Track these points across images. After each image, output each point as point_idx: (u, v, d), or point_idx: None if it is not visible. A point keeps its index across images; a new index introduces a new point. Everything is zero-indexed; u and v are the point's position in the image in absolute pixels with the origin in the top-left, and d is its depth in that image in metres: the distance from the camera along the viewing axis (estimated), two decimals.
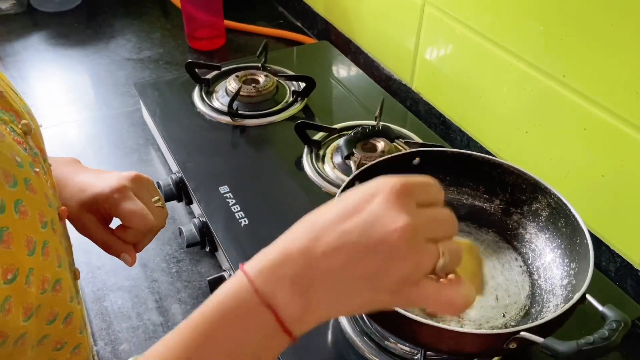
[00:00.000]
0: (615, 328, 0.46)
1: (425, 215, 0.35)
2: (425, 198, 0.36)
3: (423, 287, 0.34)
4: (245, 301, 0.34)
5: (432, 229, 0.35)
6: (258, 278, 0.34)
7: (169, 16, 1.38)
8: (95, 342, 0.67)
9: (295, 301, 0.34)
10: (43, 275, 0.39)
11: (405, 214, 0.34)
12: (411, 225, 0.33)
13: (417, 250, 0.34)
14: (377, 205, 0.34)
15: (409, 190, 0.35)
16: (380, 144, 0.83)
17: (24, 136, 0.43)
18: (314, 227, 0.35)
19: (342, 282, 0.34)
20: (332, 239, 0.34)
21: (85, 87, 1.14)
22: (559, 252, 0.62)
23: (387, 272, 0.33)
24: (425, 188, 0.36)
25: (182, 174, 0.82)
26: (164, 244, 0.80)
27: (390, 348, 0.60)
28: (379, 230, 0.33)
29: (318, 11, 1.27)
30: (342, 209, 0.35)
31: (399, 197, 0.34)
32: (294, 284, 0.34)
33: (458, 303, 0.35)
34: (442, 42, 0.91)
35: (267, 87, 0.98)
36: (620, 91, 0.64)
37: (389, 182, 0.35)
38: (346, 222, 0.34)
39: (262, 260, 0.35)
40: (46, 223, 0.40)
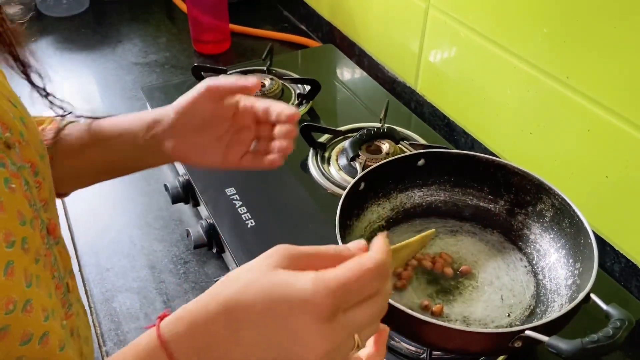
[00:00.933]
0: (620, 327, 0.47)
1: (348, 328, 0.35)
2: (353, 302, 0.35)
3: None
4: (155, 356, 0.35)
5: (352, 334, 0.35)
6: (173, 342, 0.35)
7: (175, 20, 1.40)
8: (105, 342, 0.68)
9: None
10: (8, 296, 0.38)
11: (325, 339, 0.34)
12: (327, 350, 0.34)
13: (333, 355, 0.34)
14: (297, 324, 0.34)
15: (335, 307, 0.34)
16: (385, 146, 0.83)
17: (6, 149, 0.41)
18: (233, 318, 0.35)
19: None
20: (252, 337, 0.34)
21: (92, 91, 1.15)
22: (564, 252, 0.62)
23: None
24: (358, 289, 0.35)
25: (189, 177, 0.82)
26: (172, 245, 0.81)
27: (397, 347, 0.60)
28: (294, 348, 0.34)
29: (323, 15, 1.28)
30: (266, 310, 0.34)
31: (322, 321, 0.34)
32: None
33: None
34: (446, 45, 0.92)
35: (273, 90, 0.99)
36: (623, 92, 0.65)
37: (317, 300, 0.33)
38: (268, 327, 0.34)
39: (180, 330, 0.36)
40: (13, 242, 0.39)
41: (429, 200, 0.72)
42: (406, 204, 0.71)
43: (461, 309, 0.61)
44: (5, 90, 0.46)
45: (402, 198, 0.71)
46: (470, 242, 0.69)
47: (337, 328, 0.34)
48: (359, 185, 0.65)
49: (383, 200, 0.70)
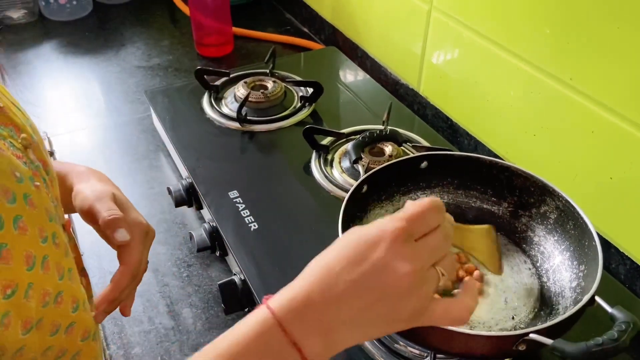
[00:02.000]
0: (625, 329, 0.46)
1: (425, 251, 0.40)
2: (423, 230, 0.40)
3: (432, 311, 0.40)
4: (273, 339, 0.37)
5: (431, 259, 0.40)
6: (284, 317, 0.37)
7: (178, 24, 1.40)
8: (108, 346, 0.68)
9: (318, 341, 0.38)
10: (44, 289, 0.40)
11: (406, 261, 0.38)
12: (413, 270, 0.38)
13: (421, 286, 0.39)
14: (381, 254, 0.38)
15: (409, 233, 0.39)
16: (388, 148, 0.83)
17: (24, 150, 0.44)
18: (330, 275, 0.38)
19: (359, 323, 0.38)
20: (346, 287, 0.38)
21: (96, 94, 1.16)
22: (568, 255, 0.62)
23: (398, 309, 0.38)
24: (422, 220, 0.40)
25: (192, 180, 0.83)
26: (175, 248, 0.81)
27: (400, 351, 0.60)
28: (388, 278, 0.38)
29: (325, 17, 1.28)
30: (351, 257, 0.39)
31: (399, 243, 0.38)
32: (316, 326, 0.38)
33: (464, 316, 0.41)
34: (449, 47, 0.92)
35: (276, 92, 0.99)
36: (627, 93, 0.65)
37: (389, 228, 0.39)
38: (356, 271, 0.38)
39: (287, 301, 0.38)
40: (46, 237, 0.41)
41: None
42: None
43: None
44: (7, 94, 0.47)
45: (406, 200, 0.71)
46: None
47: (416, 249, 0.39)
48: (361, 187, 0.65)
49: (386, 203, 0.70)
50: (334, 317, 0.38)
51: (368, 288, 0.38)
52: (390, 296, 0.38)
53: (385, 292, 0.38)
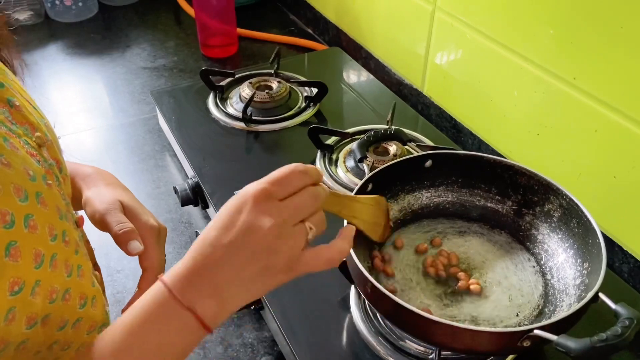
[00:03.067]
0: (628, 325, 0.47)
1: (288, 208, 0.42)
2: (285, 192, 0.43)
3: (304, 259, 0.43)
4: (167, 305, 0.40)
5: (296, 215, 0.43)
6: (175, 286, 0.41)
7: (183, 25, 1.41)
8: None
9: (209, 302, 0.41)
10: (51, 286, 0.41)
11: (268, 217, 0.41)
12: (276, 224, 0.41)
13: (288, 239, 0.42)
14: (246, 215, 0.41)
15: (269, 193, 0.42)
16: (393, 148, 0.84)
17: (38, 148, 0.44)
18: (207, 245, 0.42)
19: (242, 281, 0.41)
20: (221, 252, 0.41)
21: (102, 95, 1.17)
22: (572, 252, 0.62)
23: (273, 263, 0.42)
24: (283, 182, 0.43)
25: (198, 179, 0.83)
26: (181, 247, 0.81)
27: (405, 348, 0.60)
28: (254, 236, 0.41)
29: (329, 18, 1.29)
30: (222, 225, 0.42)
31: (261, 202, 0.42)
32: (204, 289, 0.41)
33: (334, 257, 0.45)
34: (453, 47, 0.92)
35: (280, 93, 0.99)
36: (630, 92, 0.65)
37: (251, 192, 0.42)
38: (228, 235, 0.41)
39: (176, 272, 0.42)
40: (56, 236, 0.42)
41: (437, 201, 0.72)
42: (414, 205, 0.72)
43: (470, 309, 0.61)
44: (24, 93, 0.48)
45: (410, 199, 0.72)
46: (478, 242, 0.69)
47: (279, 206, 0.42)
48: (366, 186, 0.65)
49: (391, 202, 0.70)
50: (219, 278, 0.41)
51: (240, 248, 0.41)
52: (261, 252, 0.41)
53: (256, 249, 0.41)
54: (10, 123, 0.43)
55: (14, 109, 0.44)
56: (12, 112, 0.44)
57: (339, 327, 0.64)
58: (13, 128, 0.43)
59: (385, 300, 0.52)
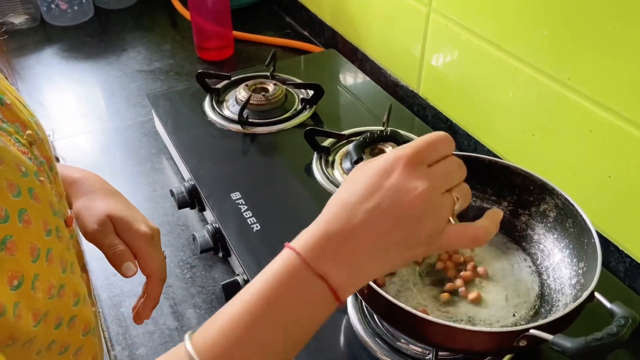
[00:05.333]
0: (623, 324, 0.47)
1: (438, 174, 0.40)
2: (434, 157, 0.41)
3: (448, 233, 0.41)
4: (299, 274, 0.38)
5: (445, 182, 0.41)
6: (307, 254, 0.38)
7: (178, 28, 1.41)
8: (113, 346, 0.69)
9: (342, 271, 0.38)
10: (49, 281, 0.40)
11: (420, 180, 0.39)
12: (428, 189, 0.39)
13: (437, 207, 0.39)
14: (395, 179, 0.39)
15: (419, 158, 0.40)
16: (389, 149, 0.84)
17: (29, 146, 0.45)
18: (346, 207, 0.39)
19: (380, 250, 0.39)
20: (363, 216, 0.39)
21: (98, 98, 1.17)
22: (568, 252, 0.62)
23: (416, 232, 0.39)
24: (433, 148, 0.41)
25: (195, 182, 0.83)
26: (178, 250, 0.81)
27: (402, 348, 0.61)
28: (402, 201, 0.38)
29: (325, 20, 1.29)
30: (366, 187, 0.39)
31: (412, 166, 0.39)
32: (338, 257, 0.38)
33: (480, 235, 0.42)
34: (448, 48, 0.93)
35: (276, 95, 1.00)
36: (624, 93, 0.65)
37: (402, 155, 0.40)
38: (373, 198, 0.39)
39: (307, 239, 0.39)
40: (50, 231, 0.42)
41: None
42: None
43: (466, 309, 0.61)
44: (13, 92, 0.48)
45: None
46: None
47: (429, 171, 0.40)
48: None
49: None
50: (355, 246, 0.38)
51: (385, 213, 0.38)
52: (407, 218, 0.38)
53: (402, 215, 0.38)
54: (1, 121, 0.43)
55: (4, 107, 0.44)
56: (3, 110, 0.44)
57: (336, 328, 0.64)
58: (4, 126, 0.43)
59: (382, 301, 0.53)
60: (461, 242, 0.42)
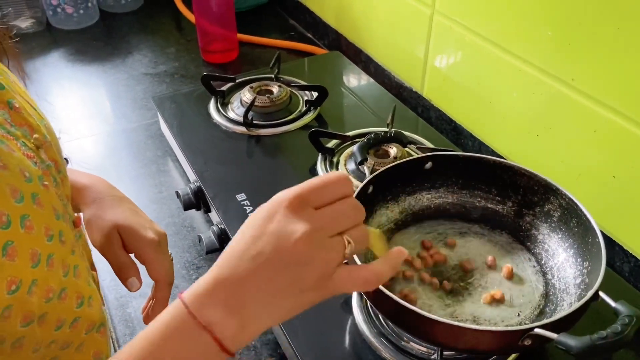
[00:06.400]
0: (628, 323, 0.47)
1: (324, 216, 0.39)
2: (322, 200, 0.39)
3: (338, 276, 0.39)
4: (185, 324, 0.37)
5: (334, 225, 0.39)
6: (194, 304, 0.37)
7: (183, 31, 1.42)
8: (120, 346, 0.69)
9: (229, 321, 0.37)
10: (47, 285, 0.41)
11: (300, 223, 0.38)
12: (310, 230, 0.37)
13: (322, 250, 0.38)
14: (277, 222, 0.38)
15: (304, 200, 0.39)
16: (393, 150, 0.84)
17: (36, 150, 0.45)
18: (234, 255, 0.39)
19: (268, 296, 0.38)
20: (248, 264, 0.38)
21: (104, 101, 1.17)
22: (572, 252, 0.62)
23: (303, 277, 0.38)
24: (320, 190, 0.40)
25: (200, 183, 0.84)
26: (184, 251, 0.82)
27: (407, 348, 0.61)
28: (285, 245, 0.37)
29: (329, 22, 1.30)
30: (251, 234, 0.39)
31: (294, 209, 0.38)
32: (226, 306, 0.37)
33: (370, 279, 0.40)
34: (452, 50, 0.93)
35: (281, 97, 1.00)
36: (628, 93, 0.66)
37: (283, 198, 0.39)
38: (257, 245, 0.38)
39: (197, 288, 0.38)
40: (52, 236, 0.42)
41: (437, 202, 0.73)
42: (415, 207, 0.72)
43: (471, 309, 0.61)
44: (25, 95, 0.49)
45: (411, 201, 0.72)
46: (479, 243, 0.69)
47: (313, 214, 0.38)
48: (367, 188, 0.66)
49: (392, 203, 0.71)
50: (242, 294, 0.37)
51: (269, 259, 0.37)
52: (290, 264, 0.37)
53: (284, 260, 0.37)
54: (9, 125, 0.44)
55: (13, 111, 0.45)
56: (12, 114, 0.45)
57: (342, 329, 0.65)
58: (12, 130, 0.43)
59: (387, 301, 0.53)
60: (352, 285, 0.40)
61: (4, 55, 0.51)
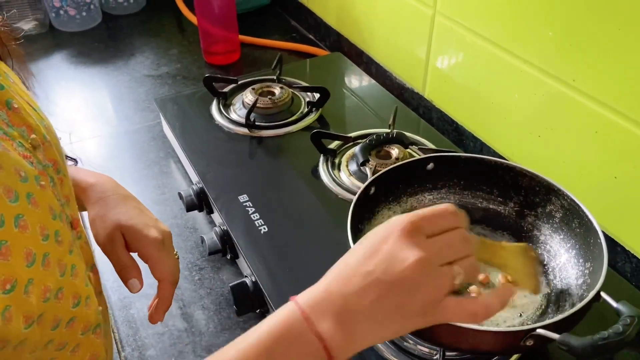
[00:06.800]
0: (630, 323, 0.47)
1: (436, 245, 0.41)
2: (434, 229, 0.41)
3: (445, 305, 0.40)
4: (297, 329, 0.39)
5: (444, 254, 0.41)
6: (308, 309, 0.40)
7: (185, 33, 1.42)
8: (123, 347, 0.70)
9: (338, 333, 0.39)
10: (44, 285, 0.41)
11: (415, 249, 0.39)
12: (422, 258, 0.39)
13: (432, 278, 0.39)
14: (391, 245, 0.40)
15: (418, 227, 0.41)
16: (395, 151, 0.85)
17: (33, 150, 0.45)
18: (345, 271, 0.41)
19: (375, 315, 0.39)
20: (359, 280, 0.40)
21: (106, 103, 1.18)
22: (574, 253, 0.63)
23: (411, 301, 0.39)
24: (433, 220, 0.42)
25: (203, 185, 0.84)
26: (187, 252, 0.82)
27: (409, 349, 0.61)
28: (396, 268, 0.39)
29: (330, 24, 1.30)
30: (364, 252, 0.41)
31: (409, 235, 0.40)
32: (336, 318, 0.39)
33: (479, 312, 0.41)
34: (453, 51, 0.93)
35: (283, 98, 1.00)
36: (629, 93, 0.66)
37: (400, 223, 0.41)
38: (369, 264, 0.40)
39: (310, 296, 0.41)
40: (48, 235, 0.42)
41: (439, 203, 0.73)
42: (417, 208, 0.72)
43: None
44: (25, 95, 0.49)
45: (413, 202, 0.72)
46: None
47: (426, 242, 0.40)
48: (369, 189, 0.66)
49: (394, 204, 0.71)
50: (352, 309, 0.39)
51: (378, 279, 0.39)
52: (399, 286, 0.39)
53: (395, 283, 0.39)
54: (7, 125, 0.44)
55: (11, 111, 0.45)
56: (10, 114, 0.45)
57: None
58: (9, 130, 0.43)
59: None
60: (459, 317, 0.41)
61: (8, 57, 0.51)
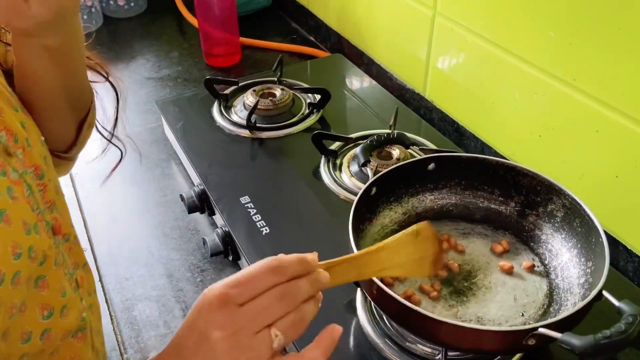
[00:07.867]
0: (632, 322, 0.47)
1: (248, 313, 0.38)
2: (247, 295, 0.39)
3: None
4: None
5: (258, 321, 0.38)
6: None
7: (186, 35, 1.42)
8: (126, 350, 0.70)
9: None
10: (11, 302, 0.40)
11: (220, 327, 0.38)
12: (227, 335, 0.38)
13: (244, 351, 0.38)
14: (203, 322, 0.38)
15: (227, 298, 0.38)
16: (396, 152, 0.85)
17: (7, 157, 0.43)
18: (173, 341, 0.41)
19: None
20: (177, 354, 0.40)
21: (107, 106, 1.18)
22: (575, 252, 0.63)
23: None
24: (247, 284, 0.39)
25: (204, 186, 0.84)
26: (189, 254, 0.82)
27: (412, 349, 0.61)
28: (203, 345, 0.38)
29: (331, 25, 1.30)
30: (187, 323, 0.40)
31: (218, 308, 0.38)
32: None
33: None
34: (453, 51, 0.93)
35: (284, 100, 1.00)
36: (629, 92, 0.66)
37: (210, 296, 0.39)
38: (186, 339, 0.39)
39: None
40: (20, 254, 0.40)
41: (441, 203, 0.73)
42: (418, 208, 0.73)
43: (475, 310, 0.61)
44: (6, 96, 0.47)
45: (414, 202, 0.72)
46: (482, 244, 0.69)
47: (234, 315, 0.38)
48: (370, 190, 0.66)
49: (395, 205, 0.71)
50: None
51: (193, 355, 0.38)
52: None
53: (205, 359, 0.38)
54: None
55: None
56: None
57: (346, 330, 0.65)
58: None
59: (391, 301, 0.53)
60: None
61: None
